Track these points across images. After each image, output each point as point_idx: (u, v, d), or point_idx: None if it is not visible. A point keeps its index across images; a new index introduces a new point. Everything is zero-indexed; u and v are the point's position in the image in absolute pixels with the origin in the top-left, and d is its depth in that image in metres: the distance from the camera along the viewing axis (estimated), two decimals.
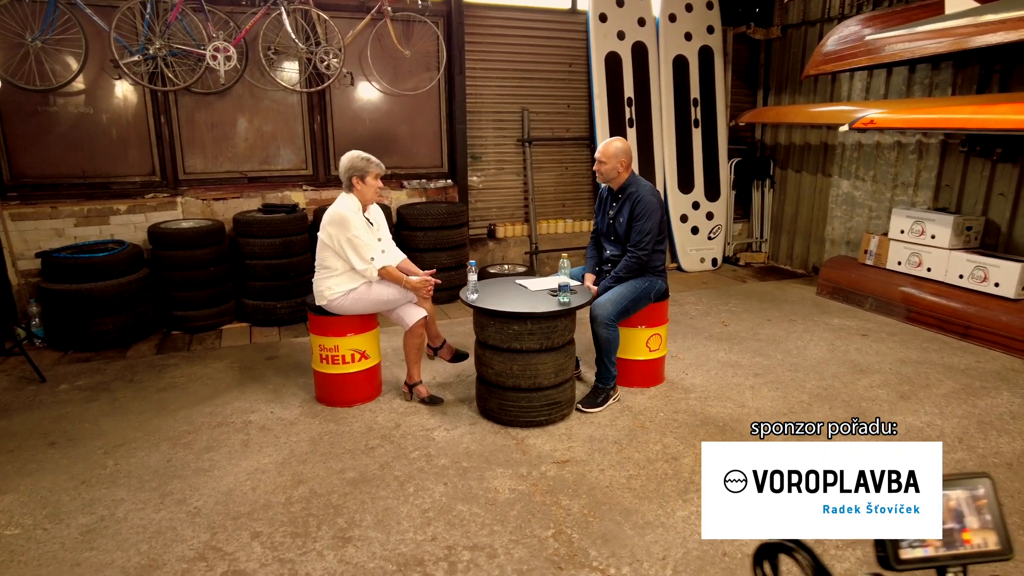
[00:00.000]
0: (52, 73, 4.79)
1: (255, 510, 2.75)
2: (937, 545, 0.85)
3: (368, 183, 3.53)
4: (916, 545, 0.85)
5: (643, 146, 6.78)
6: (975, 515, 0.84)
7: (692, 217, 7.08)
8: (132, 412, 3.67)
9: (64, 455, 3.21)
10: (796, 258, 7.18)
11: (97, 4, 4.77)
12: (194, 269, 5.01)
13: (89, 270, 4.58)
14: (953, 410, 3.68)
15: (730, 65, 7.16)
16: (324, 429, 3.47)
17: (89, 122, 5.09)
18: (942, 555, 0.85)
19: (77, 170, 5.10)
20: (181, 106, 5.34)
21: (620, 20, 6.48)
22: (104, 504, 2.79)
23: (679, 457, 3.16)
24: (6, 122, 4.88)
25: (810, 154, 6.86)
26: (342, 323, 3.65)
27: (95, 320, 4.59)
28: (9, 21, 4.62)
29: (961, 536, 0.84)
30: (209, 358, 4.55)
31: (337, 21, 5.45)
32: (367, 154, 3.59)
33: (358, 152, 3.59)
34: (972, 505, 0.84)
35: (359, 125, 5.98)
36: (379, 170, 3.57)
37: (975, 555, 0.84)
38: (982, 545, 0.84)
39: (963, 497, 0.86)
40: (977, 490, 0.85)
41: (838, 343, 4.78)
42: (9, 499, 2.84)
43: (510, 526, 2.63)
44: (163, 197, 5.32)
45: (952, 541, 0.84)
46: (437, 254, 5.67)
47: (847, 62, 5.40)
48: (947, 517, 0.85)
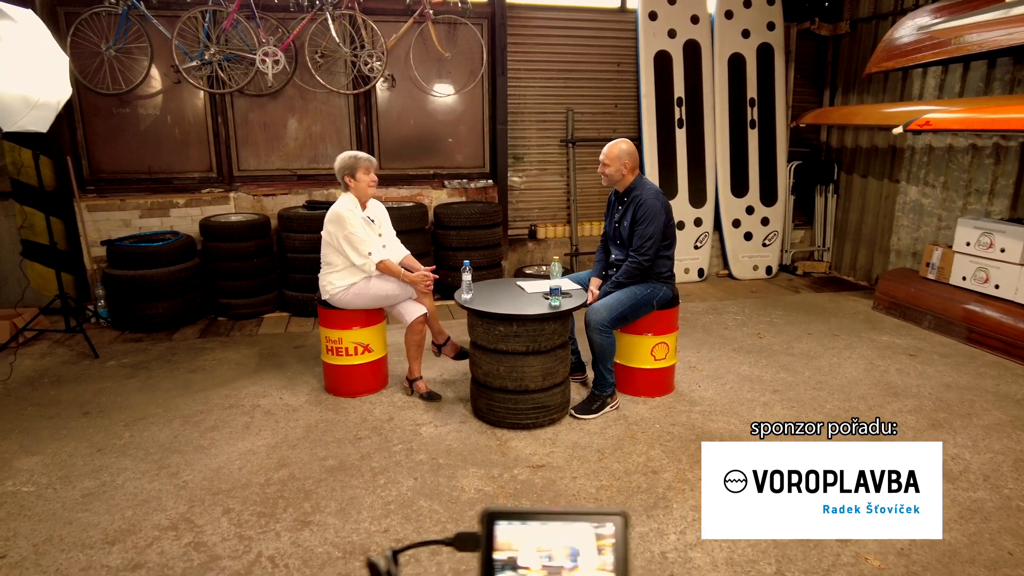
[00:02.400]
0: (123, 79, 5.27)
1: (235, 488, 2.92)
2: None
3: (359, 178, 3.64)
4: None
5: (693, 147, 6.54)
6: (594, 554, 0.77)
7: (745, 222, 6.76)
8: (160, 390, 3.99)
9: (91, 424, 3.54)
10: (859, 269, 6.68)
11: (163, 15, 5.21)
12: (239, 260, 5.36)
13: (144, 258, 5.01)
14: (990, 444, 3.31)
15: (792, 63, 6.76)
16: (322, 417, 3.62)
17: (155, 123, 5.57)
18: None
19: (144, 166, 5.60)
20: (237, 107, 5.72)
21: (671, 18, 6.29)
22: (109, 471, 3.06)
23: (659, 471, 3.05)
24: (87, 123, 5.44)
25: (877, 158, 6.36)
26: (347, 317, 3.79)
27: (148, 304, 5.01)
28: (89, 33, 5.14)
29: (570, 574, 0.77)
30: (243, 344, 4.85)
31: (381, 25, 5.64)
32: (357, 151, 3.71)
33: (348, 151, 3.71)
34: (593, 543, 0.77)
35: (403, 126, 6.16)
36: (369, 164, 3.67)
37: None
38: None
39: (585, 532, 0.78)
40: (604, 527, 0.78)
41: (879, 362, 4.42)
42: (35, 460, 3.18)
43: (463, 525, 2.64)
44: (218, 192, 5.72)
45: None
46: (469, 253, 5.73)
47: (911, 58, 4.98)
48: (560, 554, 0.78)
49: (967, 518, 2.68)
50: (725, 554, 2.45)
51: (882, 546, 2.50)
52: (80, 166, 5.43)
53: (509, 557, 0.76)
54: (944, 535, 2.56)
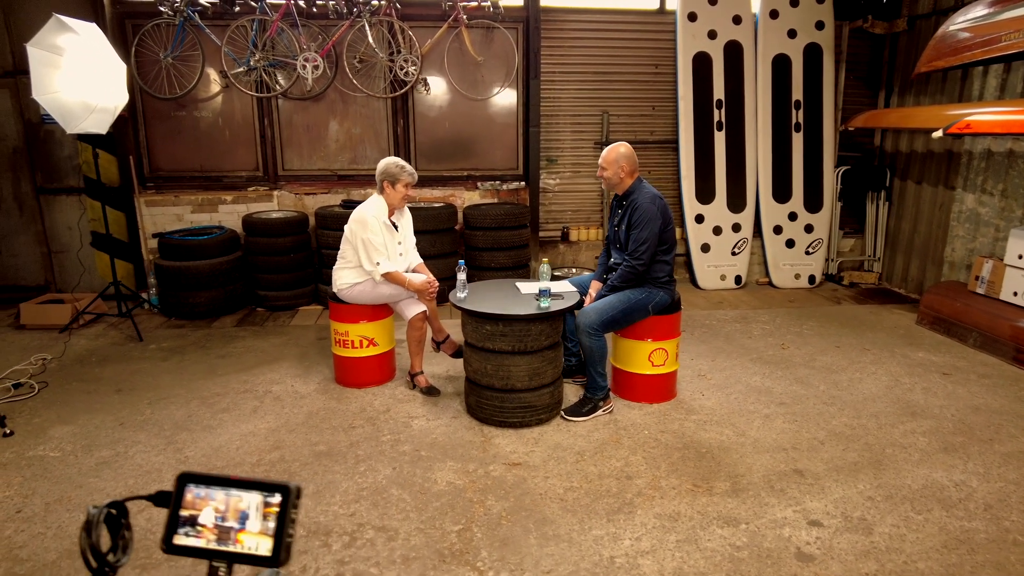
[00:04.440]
0: (178, 84, 5.71)
1: (228, 466, 3.14)
2: (211, 538, 0.85)
3: (397, 189, 3.78)
4: (191, 534, 0.86)
5: (733, 151, 6.37)
6: (259, 519, 0.83)
7: (787, 229, 6.50)
8: (187, 373, 4.31)
9: (121, 400, 3.88)
10: (911, 281, 6.28)
11: (215, 24, 5.60)
12: (278, 255, 5.68)
13: (189, 250, 5.40)
14: (1005, 472, 3.08)
15: (844, 63, 6.45)
16: (324, 405, 3.81)
17: (208, 125, 5.99)
18: (212, 548, 0.85)
19: (197, 165, 6.03)
20: (282, 110, 6.06)
21: (712, 18, 6.15)
22: (125, 444, 3.36)
23: (634, 477, 3.03)
24: (148, 125, 5.92)
25: (932, 163, 5.97)
26: (354, 311, 3.97)
27: (192, 293, 5.41)
28: (150, 43, 5.60)
29: (236, 536, 0.84)
30: (273, 334, 5.15)
31: (417, 30, 5.83)
32: (404, 162, 3.82)
33: (395, 159, 3.83)
34: (260, 510, 0.84)
35: (439, 128, 6.33)
36: (410, 179, 3.80)
37: (242, 555, 0.84)
38: (253, 548, 0.83)
39: (255, 500, 0.85)
40: (272, 497, 0.84)
41: (905, 379, 4.17)
42: (67, 430, 3.52)
43: (425, 515, 2.73)
44: (263, 190, 6.08)
45: (226, 538, 0.84)
46: (495, 254, 5.84)
47: (961, 56, 4.64)
48: (232, 516, 0.85)
49: (951, 548, 2.52)
50: (676, 564, 2.42)
51: (846, 570, 2.39)
52: (141, 164, 5.92)
53: (191, 515, 0.85)
54: (920, 564, 2.42)
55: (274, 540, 0.83)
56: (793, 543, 2.54)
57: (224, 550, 0.83)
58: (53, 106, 4.45)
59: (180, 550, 0.86)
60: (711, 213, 6.43)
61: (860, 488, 2.94)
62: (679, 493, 2.89)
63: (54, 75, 4.45)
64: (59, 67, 4.45)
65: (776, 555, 2.47)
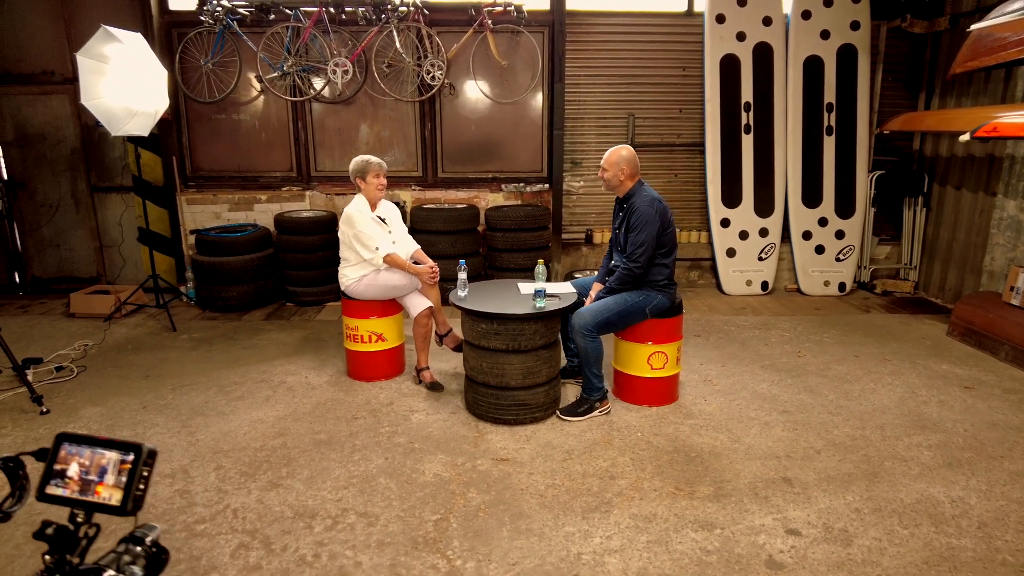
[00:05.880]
0: (217, 89, 6.03)
1: (234, 450, 3.33)
2: (75, 489, 0.96)
3: (369, 181, 3.95)
4: (60, 485, 0.97)
5: (761, 154, 6.25)
6: (115, 475, 0.94)
7: (817, 235, 6.34)
8: (211, 362, 4.57)
9: (148, 386, 4.15)
10: (948, 290, 6.02)
11: (252, 32, 5.89)
12: (307, 252, 5.92)
13: (222, 246, 5.70)
14: (1009, 491, 2.96)
15: (881, 65, 6.24)
16: (332, 397, 3.98)
17: (245, 127, 6.29)
18: (74, 498, 0.96)
19: (234, 166, 6.35)
20: (315, 114, 6.31)
21: (740, 20, 6.06)
22: (144, 425, 3.60)
23: (617, 477, 3.06)
24: (190, 128, 6.28)
25: (972, 168, 5.71)
26: (364, 307, 4.12)
27: (224, 287, 5.70)
28: (193, 50, 5.94)
29: (96, 488, 0.95)
30: (297, 328, 5.38)
31: (444, 36, 5.98)
32: (370, 156, 4.02)
33: (361, 156, 4.03)
34: (117, 467, 0.95)
35: (465, 131, 6.46)
36: (378, 168, 3.97)
37: (97, 504, 0.95)
38: (107, 499, 0.94)
39: (114, 458, 0.96)
40: (127, 456, 0.95)
41: (922, 392, 4.03)
42: (96, 411, 3.80)
43: (407, 504, 2.84)
44: (296, 190, 6.35)
45: (87, 489, 0.95)
46: (514, 255, 5.92)
47: (997, 55, 4.45)
48: (94, 471, 0.95)
49: (932, 564, 2.45)
50: (641, 564, 2.45)
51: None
52: (183, 164, 6.28)
53: (62, 469, 0.96)
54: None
55: (124, 492, 0.95)
56: (766, 550, 2.53)
57: (83, 499, 0.96)
58: (99, 110, 4.79)
59: (49, 498, 0.99)
60: (737, 217, 6.33)
61: (848, 499, 2.88)
62: (660, 495, 2.91)
63: (100, 82, 4.79)
64: (104, 74, 4.79)
65: (745, 561, 2.46)
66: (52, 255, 6.52)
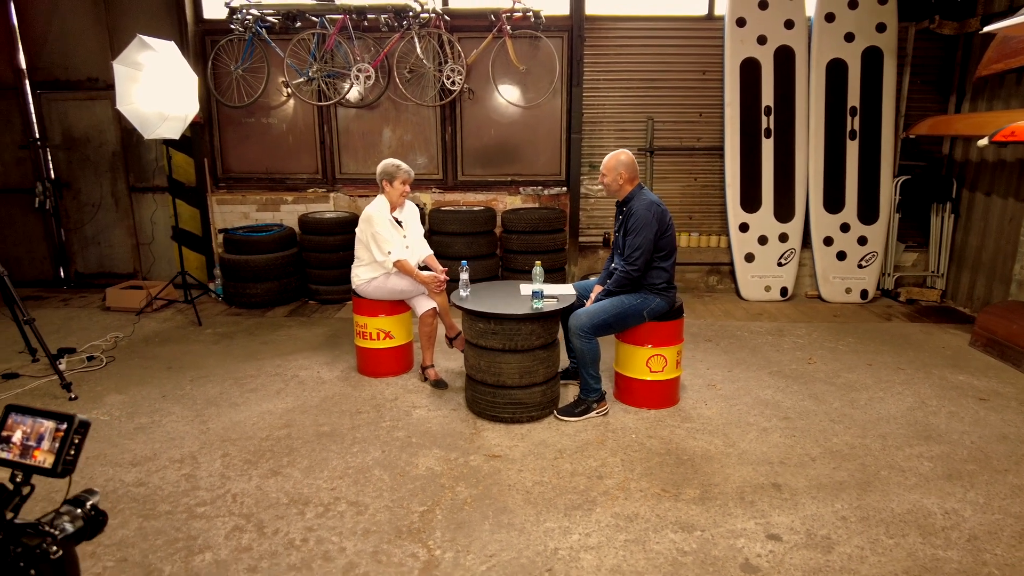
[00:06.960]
0: (247, 94, 6.28)
1: (241, 438, 3.49)
2: (16, 453, 1.07)
3: (395, 187, 4.06)
4: (4, 449, 1.08)
5: (782, 159, 6.18)
6: (51, 441, 1.05)
7: (839, 241, 6.22)
8: (230, 356, 4.77)
9: (169, 376, 4.37)
10: (976, 300, 5.84)
11: (280, 39, 6.12)
12: (329, 252, 6.11)
13: (248, 245, 5.93)
14: (1007, 505, 2.88)
15: (908, 67, 6.10)
16: (340, 391, 4.12)
17: (273, 130, 6.54)
18: (14, 460, 1.07)
19: (262, 168, 6.60)
20: (339, 118, 6.51)
21: (761, 23, 6.01)
22: (161, 413, 3.80)
23: (605, 477, 3.10)
24: (222, 131, 6.55)
25: (1003, 173, 5.53)
26: (374, 305, 4.26)
27: (250, 285, 5.93)
28: (224, 56, 6.20)
29: (33, 452, 1.06)
30: (316, 325, 5.56)
31: (464, 41, 6.10)
32: (400, 162, 4.11)
33: (393, 160, 4.13)
34: (52, 434, 1.05)
35: (485, 135, 6.57)
36: (406, 176, 4.08)
37: (32, 467, 1.06)
38: (41, 462, 1.06)
39: (50, 427, 1.07)
40: (61, 425, 1.06)
41: (932, 402, 3.94)
42: (120, 398, 4.03)
43: (397, 495, 2.94)
44: (320, 192, 6.56)
45: (26, 454, 1.07)
46: (529, 257, 5.99)
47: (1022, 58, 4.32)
48: (33, 437, 1.06)
49: (912, 574, 2.42)
50: (616, 562, 2.49)
51: None
52: (214, 166, 6.56)
53: (8, 435, 1.09)
54: None
55: (55, 456, 1.07)
56: (743, 554, 2.54)
57: (21, 462, 1.09)
58: (133, 115, 5.06)
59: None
60: (756, 222, 6.27)
61: (836, 507, 2.86)
62: (644, 496, 2.94)
63: (134, 88, 5.06)
64: (138, 81, 5.06)
65: (720, 564, 2.48)
66: (93, 251, 6.89)
